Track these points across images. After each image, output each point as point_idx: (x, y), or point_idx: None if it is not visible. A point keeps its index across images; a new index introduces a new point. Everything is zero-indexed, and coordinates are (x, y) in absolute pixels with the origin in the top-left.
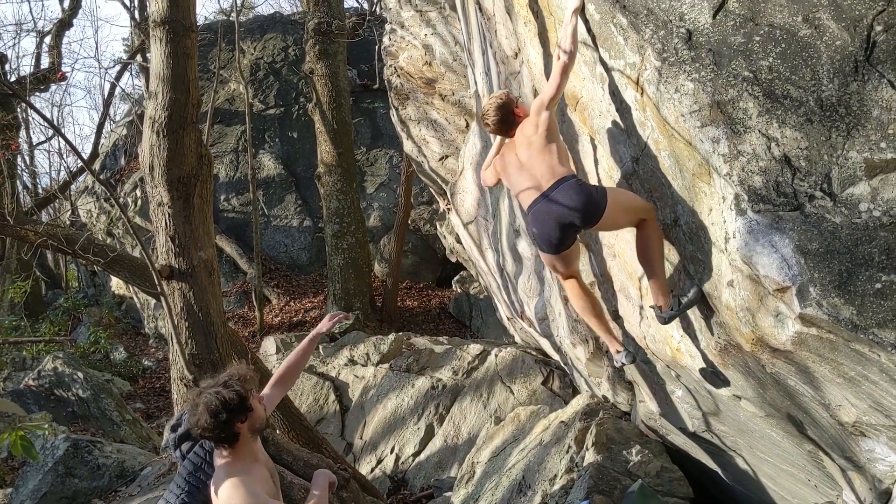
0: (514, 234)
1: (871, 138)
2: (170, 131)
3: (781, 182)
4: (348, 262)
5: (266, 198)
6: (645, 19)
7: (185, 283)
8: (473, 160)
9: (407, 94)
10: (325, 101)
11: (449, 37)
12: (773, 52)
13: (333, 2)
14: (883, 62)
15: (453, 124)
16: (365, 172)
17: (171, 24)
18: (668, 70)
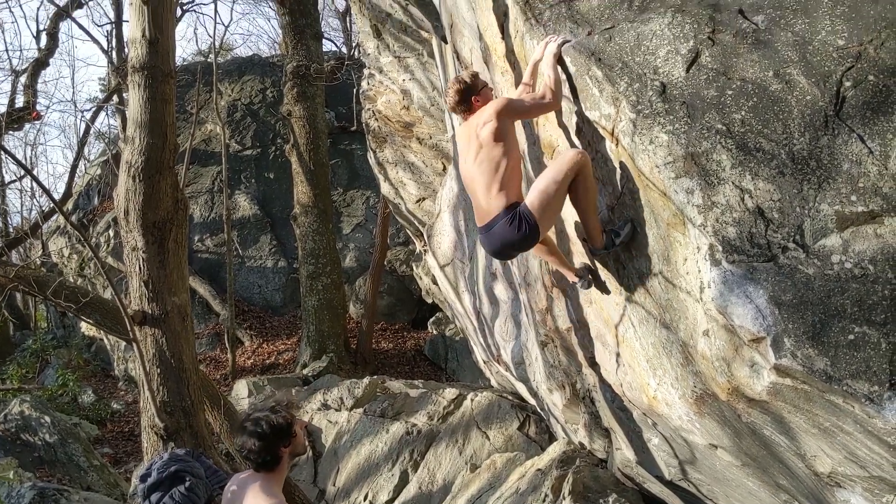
0: (490, 276)
1: (841, 191)
2: (146, 176)
3: (755, 233)
4: (323, 304)
5: (241, 238)
6: (620, 72)
7: (158, 329)
8: (450, 203)
9: (384, 137)
10: (302, 143)
11: (427, 82)
12: (746, 105)
13: (312, 45)
14: (852, 117)
15: (430, 167)
16: (341, 213)
17: (149, 70)
18: (643, 122)
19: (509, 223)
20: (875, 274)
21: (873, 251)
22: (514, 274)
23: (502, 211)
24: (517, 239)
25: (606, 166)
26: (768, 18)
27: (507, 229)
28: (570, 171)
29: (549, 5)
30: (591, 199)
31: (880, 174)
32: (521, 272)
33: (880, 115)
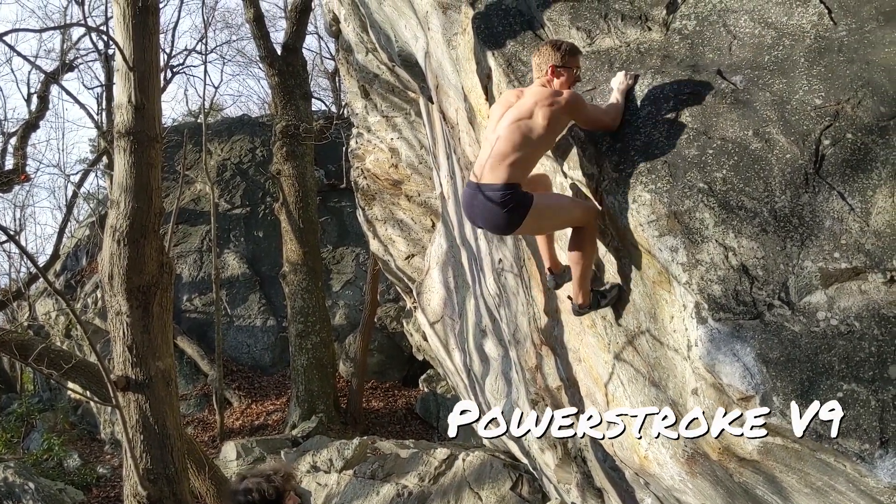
0: (480, 334)
1: (824, 248)
2: (131, 240)
3: (740, 291)
4: (312, 363)
5: (230, 297)
6: (602, 132)
7: (142, 395)
8: (439, 260)
9: (373, 195)
10: (291, 201)
11: (415, 141)
12: (727, 164)
13: (301, 105)
14: (832, 174)
15: (419, 224)
16: (331, 270)
17: (135, 135)
18: (626, 181)
19: (501, 198)
20: (861, 330)
21: (858, 308)
22: (504, 331)
23: (502, 184)
24: (498, 215)
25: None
26: (746, 79)
27: (495, 202)
28: (584, 212)
29: (531, 68)
30: (590, 255)
31: (862, 231)
32: (510, 329)
33: (860, 172)
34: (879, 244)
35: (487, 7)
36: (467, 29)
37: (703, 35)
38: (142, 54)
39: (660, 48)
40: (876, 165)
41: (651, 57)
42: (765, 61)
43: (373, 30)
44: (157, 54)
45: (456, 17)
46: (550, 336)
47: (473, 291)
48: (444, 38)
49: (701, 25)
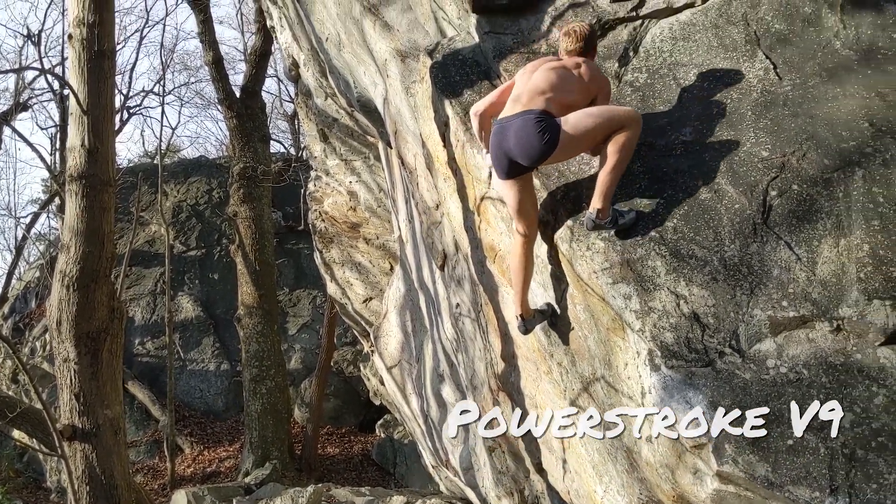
0: (438, 379)
1: (773, 297)
2: (80, 285)
3: (692, 338)
4: (267, 408)
5: (183, 341)
6: (556, 181)
7: (89, 445)
8: (397, 303)
9: (331, 238)
10: (247, 243)
11: (373, 184)
12: (678, 213)
13: (259, 147)
14: (779, 225)
15: (378, 267)
16: (287, 313)
17: (87, 179)
18: (580, 229)
19: (535, 119)
20: (809, 378)
21: (807, 356)
22: (462, 376)
23: (538, 110)
24: (532, 136)
25: (547, 271)
26: (696, 131)
27: (529, 124)
28: (626, 113)
29: None
30: (624, 160)
31: (809, 280)
32: (467, 374)
33: (805, 222)
34: (825, 293)
35: (445, 57)
36: (425, 77)
37: (653, 87)
38: (96, 98)
39: (613, 101)
40: (821, 216)
41: None
42: (713, 114)
43: (332, 75)
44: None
45: (414, 66)
46: (507, 382)
47: (431, 336)
48: (403, 86)
49: (652, 78)
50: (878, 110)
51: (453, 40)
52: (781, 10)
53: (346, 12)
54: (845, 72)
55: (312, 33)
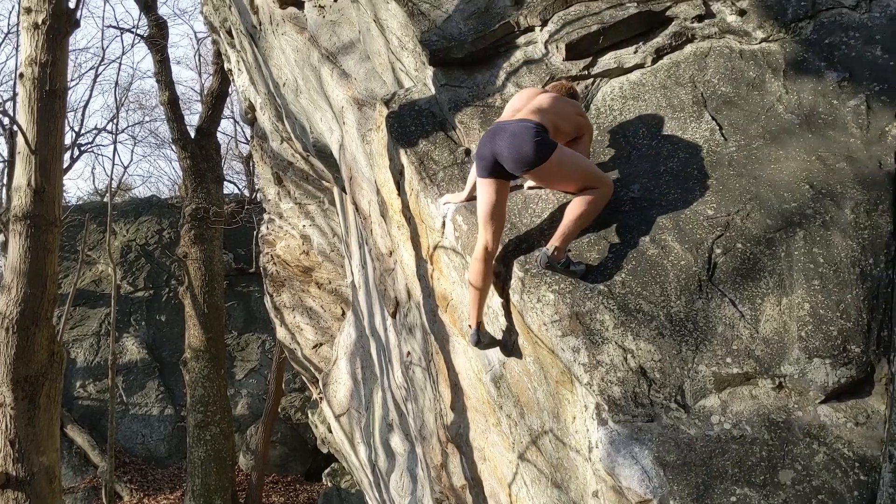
0: (387, 428)
1: (717, 353)
2: (20, 327)
3: (639, 393)
4: (210, 455)
5: (126, 384)
6: (508, 232)
7: (22, 493)
8: (348, 350)
9: (283, 282)
10: (197, 285)
11: (327, 228)
12: (626, 268)
13: (213, 189)
14: (724, 282)
15: (329, 312)
16: (235, 358)
17: (32, 220)
18: (531, 280)
19: (533, 128)
20: (752, 435)
21: (750, 412)
22: (411, 426)
23: (535, 121)
24: (527, 142)
25: (497, 321)
26: (644, 188)
27: (526, 130)
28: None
29: (443, 166)
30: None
31: (752, 337)
32: (416, 425)
33: (749, 280)
34: (768, 351)
35: (401, 107)
36: (381, 126)
37: (603, 144)
38: (45, 137)
39: None
40: (764, 275)
41: None
42: (661, 171)
43: (288, 120)
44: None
45: (371, 114)
46: (456, 434)
47: (381, 384)
48: (359, 133)
49: (602, 135)
50: (818, 173)
51: (410, 91)
52: (727, 73)
53: (304, 59)
54: (788, 135)
55: (270, 78)
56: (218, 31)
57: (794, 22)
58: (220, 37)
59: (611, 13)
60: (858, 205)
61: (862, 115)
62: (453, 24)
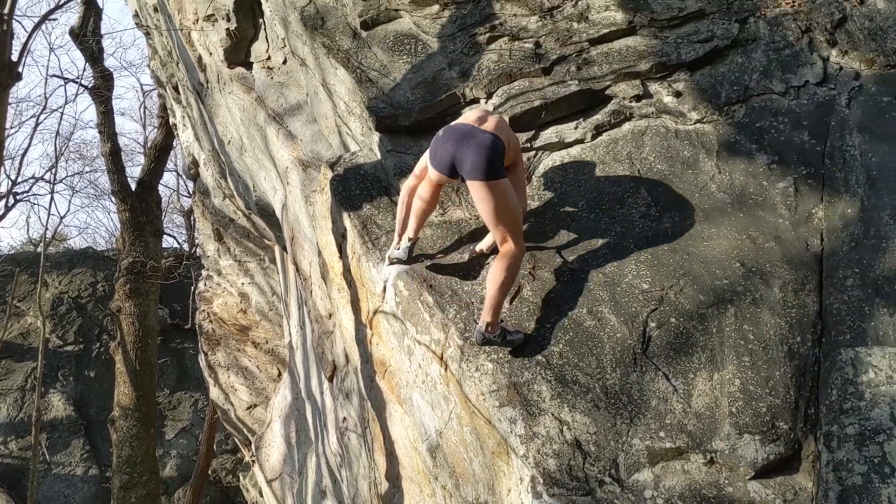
0: (320, 494)
1: (651, 427)
2: None
3: (574, 466)
4: None
5: (50, 442)
6: (450, 299)
7: None
8: (283, 413)
9: (218, 340)
10: (129, 341)
11: (267, 287)
12: (563, 339)
13: (151, 242)
14: (658, 356)
15: (265, 372)
16: (166, 416)
17: None
18: (470, 349)
19: (493, 143)
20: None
21: (682, 487)
22: (345, 493)
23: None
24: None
25: (436, 390)
26: (582, 259)
27: (487, 144)
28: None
29: (386, 231)
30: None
31: (685, 412)
32: (350, 492)
33: (682, 355)
34: (700, 426)
35: (347, 171)
36: (326, 188)
37: (545, 215)
38: None
39: None
40: (696, 350)
41: None
42: (598, 244)
43: (232, 177)
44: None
45: (315, 176)
46: (390, 503)
47: (315, 449)
48: (303, 194)
49: (544, 207)
50: (748, 252)
51: (356, 155)
52: (663, 151)
53: (250, 118)
54: (720, 213)
55: (215, 135)
56: (164, 85)
57: (727, 105)
58: (167, 92)
59: (553, 89)
60: (786, 284)
61: (790, 198)
62: (401, 93)
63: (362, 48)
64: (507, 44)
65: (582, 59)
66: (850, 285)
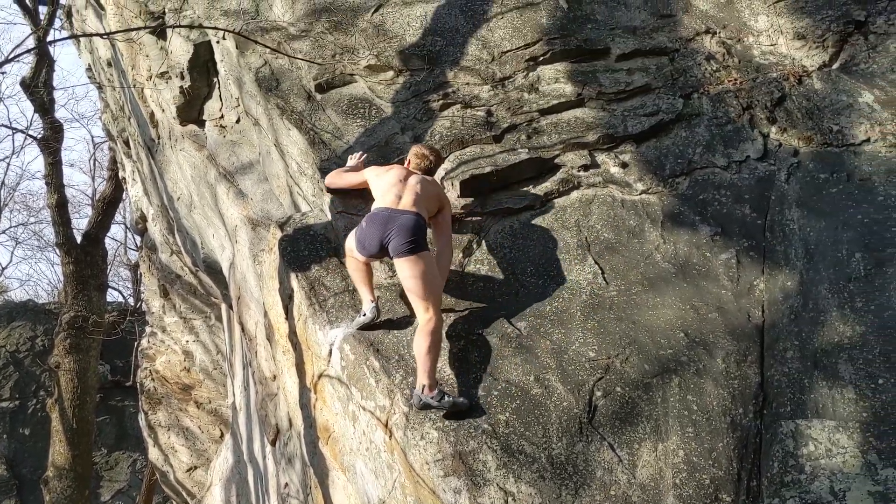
0: None
1: (596, 498)
2: None
3: None
4: None
5: None
6: (396, 364)
7: None
8: (223, 476)
9: (160, 399)
10: (67, 398)
11: (212, 345)
12: (510, 407)
13: (94, 296)
14: (604, 425)
15: (207, 433)
16: (102, 477)
17: None
18: (416, 416)
19: (416, 223)
20: None
21: None
22: None
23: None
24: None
25: (380, 458)
26: (530, 326)
27: (410, 224)
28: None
29: (334, 293)
30: (437, 347)
31: (629, 482)
32: None
33: (627, 425)
34: (644, 497)
35: (296, 231)
36: (274, 248)
37: (493, 280)
38: None
39: (455, 287)
40: (641, 420)
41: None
42: (546, 311)
43: (180, 233)
44: None
45: (265, 235)
46: None
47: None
48: (251, 253)
49: (493, 271)
50: (691, 322)
51: (306, 215)
52: (609, 220)
53: (200, 175)
54: (664, 283)
55: (164, 191)
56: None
57: (672, 177)
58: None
59: (504, 157)
60: (729, 355)
61: (732, 269)
62: None
63: (316, 110)
64: (460, 111)
65: (532, 128)
66: (790, 357)
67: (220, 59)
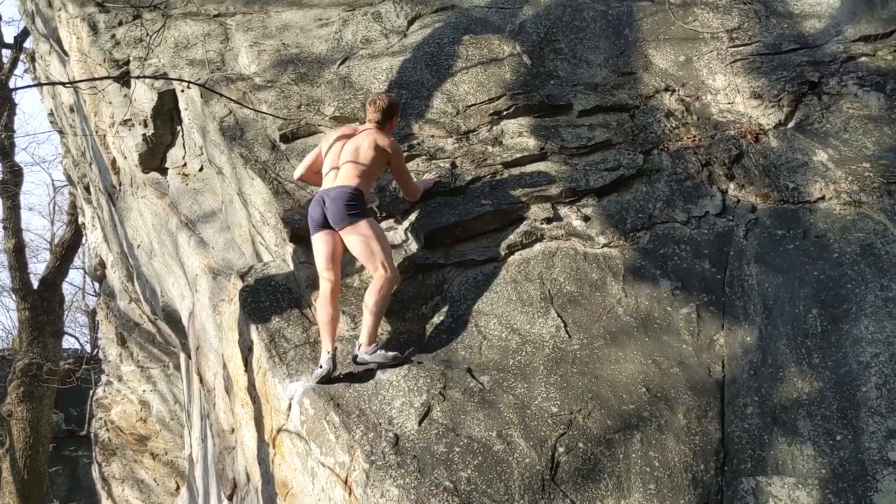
0: None
1: None
2: None
3: None
4: None
5: None
6: (357, 419)
7: None
8: None
9: (114, 450)
10: (19, 448)
11: (169, 395)
12: (472, 463)
13: (50, 343)
14: (566, 482)
15: (162, 486)
16: None
17: None
18: (376, 473)
19: (348, 197)
20: None
21: None
22: None
23: (353, 187)
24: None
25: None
26: (493, 380)
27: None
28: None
29: (294, 345)
30: (383, 306)
31: None
32: None
33: (590, 482)
34: None
35: (257, 281)
36: (234, 299)
37: (457, 332)
38: None
39: (418, 339)
40: (604, 476)
41: (409, 347)
42: (509, 364)
43: (139, 281)
44: None
45: (225, 285)
46: None
47: None
48: (211, 303)
49: (456, 323)
50: (653, 377)
51: (268, 265)
52: (572, 273)
53: (162, 224)
54: (626, 337)
55: (124, 238)
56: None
57: (633, 231)
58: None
59: (468, 208)
60: (690, 410)
61: (693, 323)
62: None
63: (280, 160)
64: (425, 163)
65: (496, 180)
66: (749, 413)
67: (184, 108)
